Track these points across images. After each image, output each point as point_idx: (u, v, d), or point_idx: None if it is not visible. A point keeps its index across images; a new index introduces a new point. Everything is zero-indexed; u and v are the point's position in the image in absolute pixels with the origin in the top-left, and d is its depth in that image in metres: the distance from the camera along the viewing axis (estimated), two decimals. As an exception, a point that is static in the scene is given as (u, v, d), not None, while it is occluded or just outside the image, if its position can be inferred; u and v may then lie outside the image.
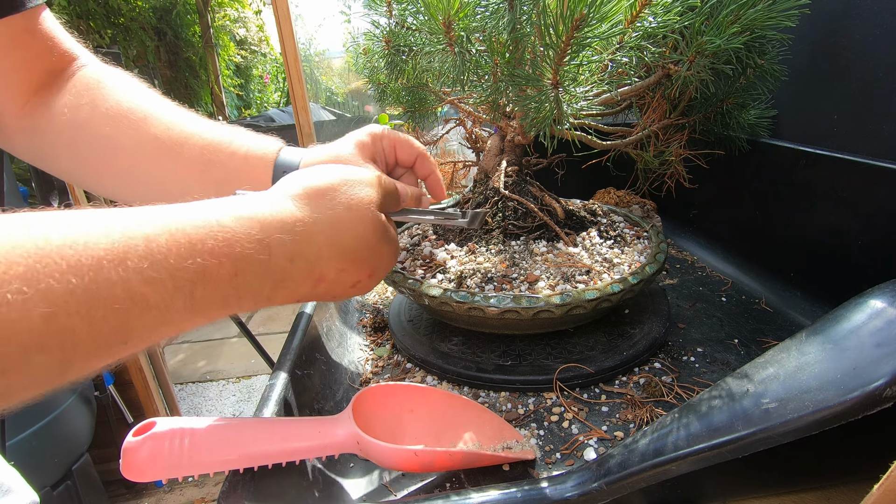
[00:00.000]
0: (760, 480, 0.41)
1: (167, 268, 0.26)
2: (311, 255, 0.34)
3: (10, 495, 0.45)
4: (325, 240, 0.35)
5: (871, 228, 0.58)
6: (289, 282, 0.34)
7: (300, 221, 0.34)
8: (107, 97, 0.48)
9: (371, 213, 0.38)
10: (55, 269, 0.22)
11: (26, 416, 1.28)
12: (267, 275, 0.32)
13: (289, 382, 0.48)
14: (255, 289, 0.31)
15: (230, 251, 0.29)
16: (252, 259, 0.30)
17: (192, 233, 0.28)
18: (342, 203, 0.37)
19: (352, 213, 0.37)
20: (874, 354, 0.27)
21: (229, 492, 0.36)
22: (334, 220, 0.36)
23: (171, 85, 4.69)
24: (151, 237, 0.26)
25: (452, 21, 0.47)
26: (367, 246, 0.38)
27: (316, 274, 0.36)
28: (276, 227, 0.32)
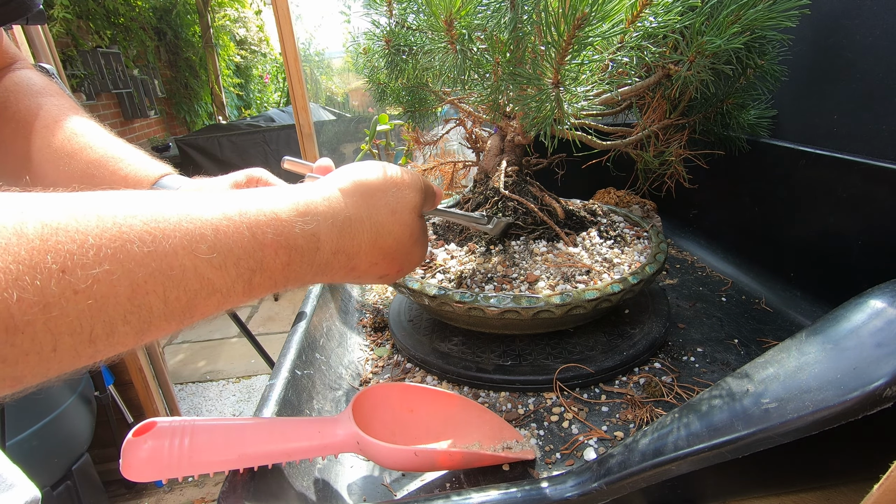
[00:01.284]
0: (760, 480, 0.41)
1: (232, 258, 0.29)
2: (352, 250, 0.36)
3: (13, 490, 0.45)
4: (367, 238, 0.37)
5: (871, 228, 0.58)
6: (328, 270, 0.36)
7: (349, 219, 0.36)
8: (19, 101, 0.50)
9: (411, 219, 0.40)
10: (138, 253, 0.25)
11: (26, 416, 1.28)
12: (313, 264, 0.34)
13: (289, 382, 0.48)
14: (301, 275, 0.34)
15: (286, 243, 0.32)
16: (304, 251, 0.33)
17: (255, 225, 0.30)
18: (388, 205, 0.38)
19: (395, 216, 0.39)
20: (874, 354, 0.27)
21: (229, 492, 0.36)
22: (378, 221, 0.38)
23: (171, 85, 4.69)
24: (220, 228, 0.29)
25: (454, 19, 0.47)
26: (403, 248, 0.40)
27: (351, 265, 0.37)
28: (328, 223, 0.34)
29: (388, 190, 0.39)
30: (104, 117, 3.55)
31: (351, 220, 0.36)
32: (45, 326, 0.22)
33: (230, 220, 0.29)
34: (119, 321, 0.25)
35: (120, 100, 3.76)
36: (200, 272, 0.27)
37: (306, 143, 1.76)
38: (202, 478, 1.88)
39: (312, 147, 1.78)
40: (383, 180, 0.39)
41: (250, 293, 0.31)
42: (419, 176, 0.42)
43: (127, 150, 0.50)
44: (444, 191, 1.14)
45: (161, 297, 0.26)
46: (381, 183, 0.39)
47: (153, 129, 4.33)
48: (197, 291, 0.28)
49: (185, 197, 0.29)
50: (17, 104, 0.49)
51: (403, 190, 0.40)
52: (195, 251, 0.27)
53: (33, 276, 0.21)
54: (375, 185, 0.38)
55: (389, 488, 0.45)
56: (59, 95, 0.52)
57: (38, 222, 0.23)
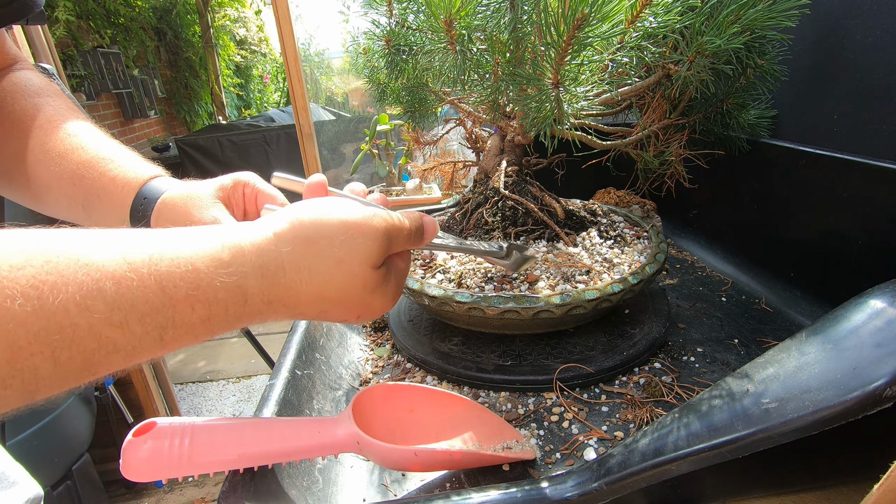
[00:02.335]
0: (760, 480, 0.41)
1: (136, 314, 0.26)
2: (290, 301, 0.33)
3: (16, 487, 0.45)
4: (307, 289, 0.33)
5: (871, 228, 0.58)
6: (264, 318, 0.33)
7: (282, 268, 0.32)
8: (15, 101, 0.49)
9: (362, 270, 0.35)
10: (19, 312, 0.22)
11: (26, 416, 1.28)
12: (242, 316, 0.31)
13: (289, 382, 0.48)
14: (231, 326, 0.31)
15: (204, 297, 0.29)
16: (227, 304, 0.30)
17: (166, 277, 0.27)
18: (333, 255, 0.34)
19: (341, 266, 0.34)
20: (874, 354, 0.27)
21: (229, 492, 0.36)
22: (321, 272, 0.33)
23: (171, 85, 4.70)
24: (122, 281, 0.26)
25: (454, 20, 0.47)
26: (354, 300, 0.36)
27: (295, 313, 0.35)
28: (257, 274, 0.31)
29: (334, 236, 0.34)
30: (104, 117, 3.55)
31: (285, 268, 0.32)
32: None
33: (136, 272, 0.26)
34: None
35: (120, 100, 3.76)
36: (97, 331, 0.25)
37: (306, 143, 1.76)
38: (202, 478, 1.88)
39: (312, 147, 1.78)
40: (330, 224, 0.34)
41: (163, 348, 0.28)
42: (383, 218, 0.36)
43: (118, 152, 0.48)
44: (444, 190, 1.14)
45: (49, 359, 0.23)
46: (327, 227, 0.34)
47: (153, 129, 4.33)
48: (94, 351, 0.25)
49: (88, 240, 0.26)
50: (14, 104, 0.49)
51: (355, 238, 0.34)
52: (90, 308, 0.24)
53: None
54: (320, 229, 0.34)
55: (389, 488, 0.45)
56: (57, 96, 0.52)
57: None
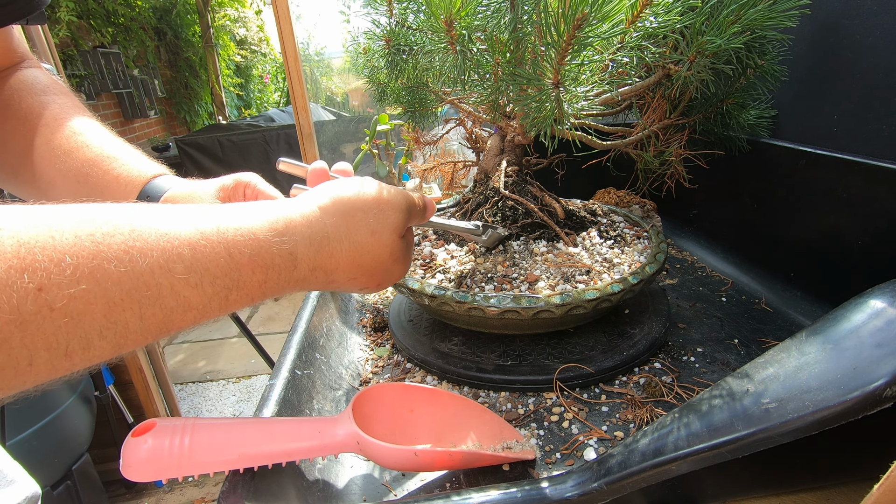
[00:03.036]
0: (760, 480, 0.41)
1: (209, 277, 0.29)
2: (329, 267, 0.37)
3: (14, 486, 0.45)
4: (346, 256, 0.37)
5: (870, 228, 0.58)
6: (305, 284, 0.36)
7: (326, 238, 0.36)
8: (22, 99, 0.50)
9: (392, 239, 0.40)
10: (114, 272, 0.25)
11: (26, 416, 1.28)
12: (290, 281, 0.34)
13: (289, 382, 0.48)
14: (277, 290, 0.34)
15: (263, 262, 0.32)
16: (281, 269, 0.33)
17: (232, 244, 0.31)
18: (369, 225, 0.38)
19: (375, 236, 0.38)
20: (874, 354, 0.27)
21: (229, 492, 0.36)
22: (358, 241, 0.38)
23: (171, 85, 4.69)
24: (197, 247, 0.29)
25: (454, 20, 0.47)
26: (382, 266, 0.40)
27: (329, 279, 0.38)
28: (306, 242, 0.35)
29: (369, 210, 0.39)
30: (104, 117, 3.55)
31: (329, 238, 0.36)
32: (21, 343, 0.22)
33: (207, 240, 0.30)
34: (95, 337, 0.25)
35: (120, 100, 3.76)
36: (177, 290, 0.28)
37: (306, 143, 1.76)
38: (202, 478, 1.88)
39: (312, 147, 1.78)
40: (365, 200, 0.39)
41: (226, 309, 0.31)
42: (404, 194, 0.42)
43: (123, 150, 0.49)
44: (444, 190, 1.14)
45: (137, 315, 0.26)
46: (362, 202, 0.38)
47: (153, 129, 4.33)
48: (173, 308, 0.28)
49: (164, 213, 0.30)
50: (21, 102, 0.49)
51: (385, 210, 0.39)
52: (172, 270, 0.28)
53: (9, 295, 0.22)
54: (357, 204, 0.38)
55: (389, 488, 0.45)
56: (63, 94, 0.52)
57: (15, 239, 0.23)
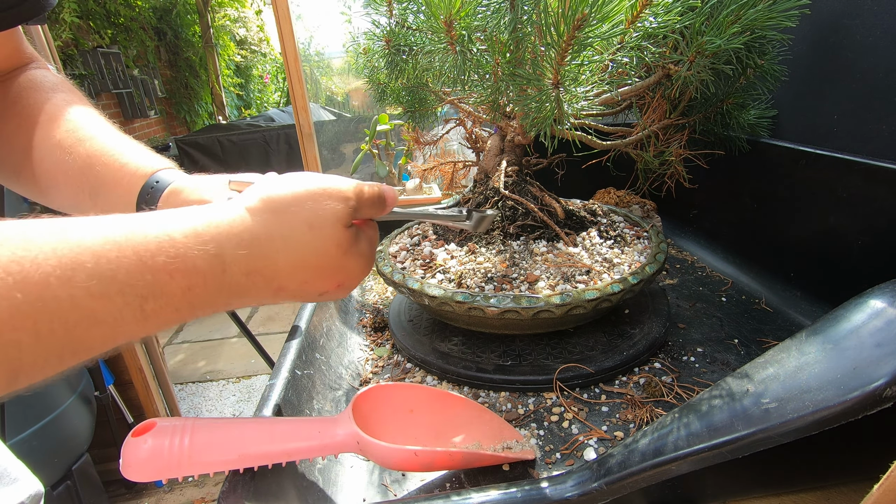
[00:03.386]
0: (760, 480, 0.41)
1: (116, 284, 0.27)
2: (269, 271, 0.34)
3: (17, 483, 0.45)
4: (285, 257, 0.35)
5: (870, 228, 0.58)
6: (245, 293, 0.34)
7: (256, 238, 0.33)
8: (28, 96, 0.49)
9: (335, 231, 0.36)
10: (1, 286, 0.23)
11: (26, 416, 1.28)
12: (222, 287, 0.32)
13: (289, 382, 0.48)
14: (210, 300, 0.32)
15: (182, 266, 0.29)
16: (206, 274, 0.31)
17: (142, 248, 0.28)
18: (304, 220, 0.35)
19: (314, 231, 0.35)
20: (874, 354, 0.27)
21: (229, 492, 0.36)
22: (294, 238, 0.35)
23: (171, 85, 4.69)
24: (100, 252, 0.26)
25: (454, 20, 0.47)
26: (331, 263, 0.37)
27: (274, 286, 0.35)
28: (232, 243, 0.32)
29: (303, 203, 0.35)
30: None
31: (259, 239, 0.33)
32: None
33: (114, 245, 0.27)
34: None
35: (120, 100, 3.76)
36: (78, 301, 0.25)
37: (306, 143, 1.76)
38: (202, 478, 1.88)
39: (312, 147, 1.78)
40: (298, 194, 0.36)
41: (146, 323, 0.29)
42: (348, 182, 0.38)
43: (126, 144, 0.49)
44: (444, 190, 1.14)
45: (31, 332, 0.24)
46: (294, 197, 0.35)
47: (153, 129, 4.33)
48: (76, 323, 0.25)
49: (66, 222, 0.27)
50: (26, 99, 0.49)
51: (322, 200, 0.36)
52: (71, 280, 0.25)
53: None
54: (288, 199, 0.35)
55: (389, 488, 0.45)
56: (69, 91, 0.52)
57: None
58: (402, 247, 0.68)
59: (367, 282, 0.87)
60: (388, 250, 0.68)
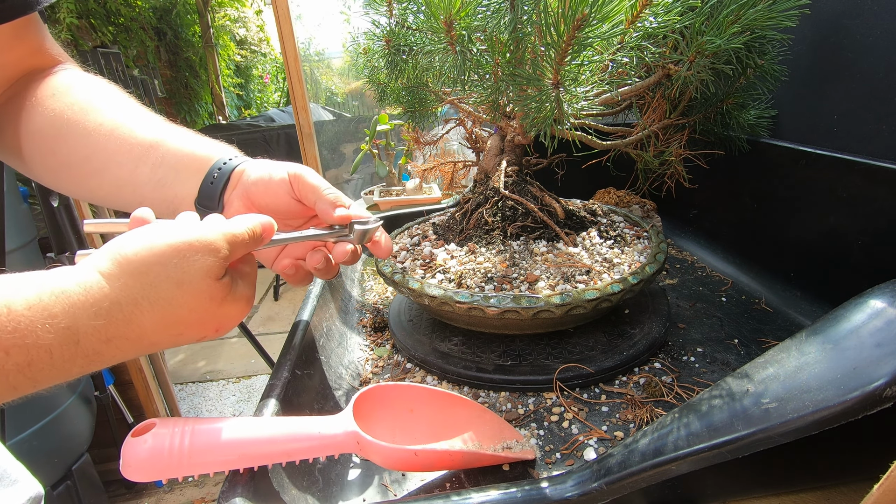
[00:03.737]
0: (760, 480, 0.41)
1: None
2: (133, 334, 0.32)
3: (17, 485, 0.45)
4: (151, 318, 0.32)
5: (870, 228, 0.58)
6: (108, 357, 0.32)
7: (116, 305, 0.31)
8: (70, 93, 0.49)
9: (207, 286, 0.34)
10: None
11: (26, 416, 1.28)
12: (76, 358, 0.30)
13: (289, 382, 0.48)
14: (59, 372, 0.29)
15: (23, 342, 0.27)
16: (53, 348, 0.28)
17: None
18: (170, 279, 0.33)
19: (183, 288, 0.33)
20: (874, 354, 0.27)
21: (229, 492, 0.36)
22: (161, 299, 0.32)
23: (171, 85, 4.69)
24: None
25: (454, 20, 0.47)
26: (207, 315, 0.35)
27: (145, 344, 0.33)
28: (88, 314, 0.30)
29: (167, 262, 0.33)
30: (104, 117, 3.55)
31: (120, 304, 0.31)
32: None
33: None
34: None
35: (120, 100, 3.76)
36: None
37: (306, 143, 1.76)
38: (202, 478, 1.88)
39: (312, 147, 1.78)
40: (159, 251, 0.33)
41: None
42: (214, 230, 0.36)
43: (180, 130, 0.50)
44: (444, 190, 1.14)
45: None
46: (155, 256, 0.33)
47: (153, 129, 4.32)
48: None
49: None
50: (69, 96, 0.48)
51: (188, 256, 0.33)
52: None
53: None
54: (148, 259, 0.32)
55: (389, 488, 0.45)
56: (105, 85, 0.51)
57: None
58: (402, 247, 0.68)
59: (367, 282, 0.87)
60: (388, 250, 0.68)
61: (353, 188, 2.07)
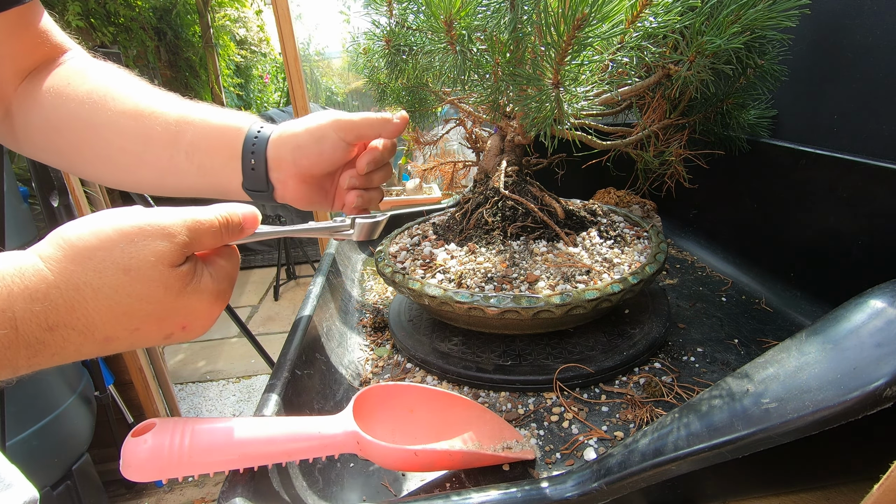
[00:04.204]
0: (760, 480, 0.41)
1: None
2: (80, 324, 0.30)
3: (11, 490, 0.45)
4: (98, 306, 0.31)
5: (870, 228, 0.58)
6: (57, 348, 0.30)
7: (55, 288, 0.29)
8: (87, 80, 0.49)
9: (159, 273, 0.32)
10: None
11: (26, 416, 1.28)
12: (18, 346, 0.28)
13: (289, 382, 0.48)
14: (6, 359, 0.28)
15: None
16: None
17: None
18: (116, 265, 0.31)
19: (130, 275, 0.31)
20: (874, 354, 0.27)
21: (229, 492, 0.36)
22: (106, 286, 0.31)
23: (171, 85, 4.69)
24: None
25: (454, 20, 0.47)
26: (163, 307, 0.33)
27: (99, 337, 0.32)
28: (22, 297, 0.28)
29: (113, 246, 0.31)
30: (104, 117, 3.56)
31: (59, 289, 0.29)
32: None
33: None
34: None
35: (120, 100, 3.76)
36: None
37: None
38: (202, 478, 1.88)
39: (312, 147, 1.78)
40: (105, 236, 0.31)
41: None
42: (174, 216, 0.34)
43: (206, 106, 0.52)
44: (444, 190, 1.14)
45: None
46: (100, 240, 0.31)
47: (153, 129, 4.33)
48: None
49: None
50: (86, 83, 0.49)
51: (137, 241, 0.31)
52: None
53: None
54: (92, 243, 0.31)
55: (389, 488, 0.45)
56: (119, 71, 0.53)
57: None
58: (402, 247, 0.68)
59: (367, 282, 0.87)
60: (388, 250, 0.68)
61: (353, 188, 2.06)
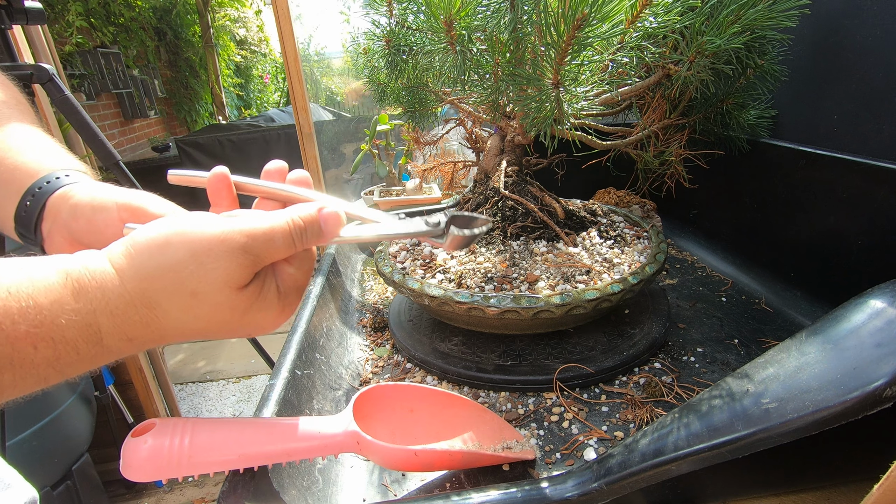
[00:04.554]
0: (760, 480, 0.41)
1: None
2: (155, 334, 0.31)
3: (10, 490, 0.45)
4: (170, 325, 0.31)
5: (870, 228, 0.58)
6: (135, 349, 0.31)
7: (132, 307, 0.30)
8: None
9: (224, 297, 0.32)
10: None
11: (26, 416, 1.28)
12: (101, 354, 0.29)
13: (289, 382, 0.48)
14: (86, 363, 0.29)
15: (49, 336, 0.26)
16: (77, 343, 0.28)
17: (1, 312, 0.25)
18: (186, 288, 0.30)
19: (199, 299, 0.31)
20: (874, 354, 0.27)
21: (229, 492, 0.36)
22: (176, 307, 0.31)
23: (171, 85, 4.70)
24: None
25: (454, 20, 0.47)
26: (229, 325, 0.33)
27: (167, 341, 0.32)
28: (106, 313, 0.29)
29: (181, 268, 0.30)
30: (104, 117, 3.55)
31: (135, 306, 0.30)
32: None
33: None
34: None
35: (120, 100, 3.76)
36: None
37: (306, 143, 1.76)
38: (202, 478, 1.88)
39: (312, 147, 1.78)
40: (175, 256, 0.30)
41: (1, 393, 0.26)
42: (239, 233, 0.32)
43: (30, 142, 0.42)
44: (444, 190, 1.14)
45: None
46: (170, 260, 0.30)
47: (153, 129, 4.33)
48: None
49: None
50: None
51: (206, 265, 0.31)
52: None
53: None
54: (164, 264, 0.30)
55: (389, 488, 0.45)
56: None
57: None
58: (402, 247, 0.68)
59: (367, 282, 0.87)
60: (388, 250, 0.68)
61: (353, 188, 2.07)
